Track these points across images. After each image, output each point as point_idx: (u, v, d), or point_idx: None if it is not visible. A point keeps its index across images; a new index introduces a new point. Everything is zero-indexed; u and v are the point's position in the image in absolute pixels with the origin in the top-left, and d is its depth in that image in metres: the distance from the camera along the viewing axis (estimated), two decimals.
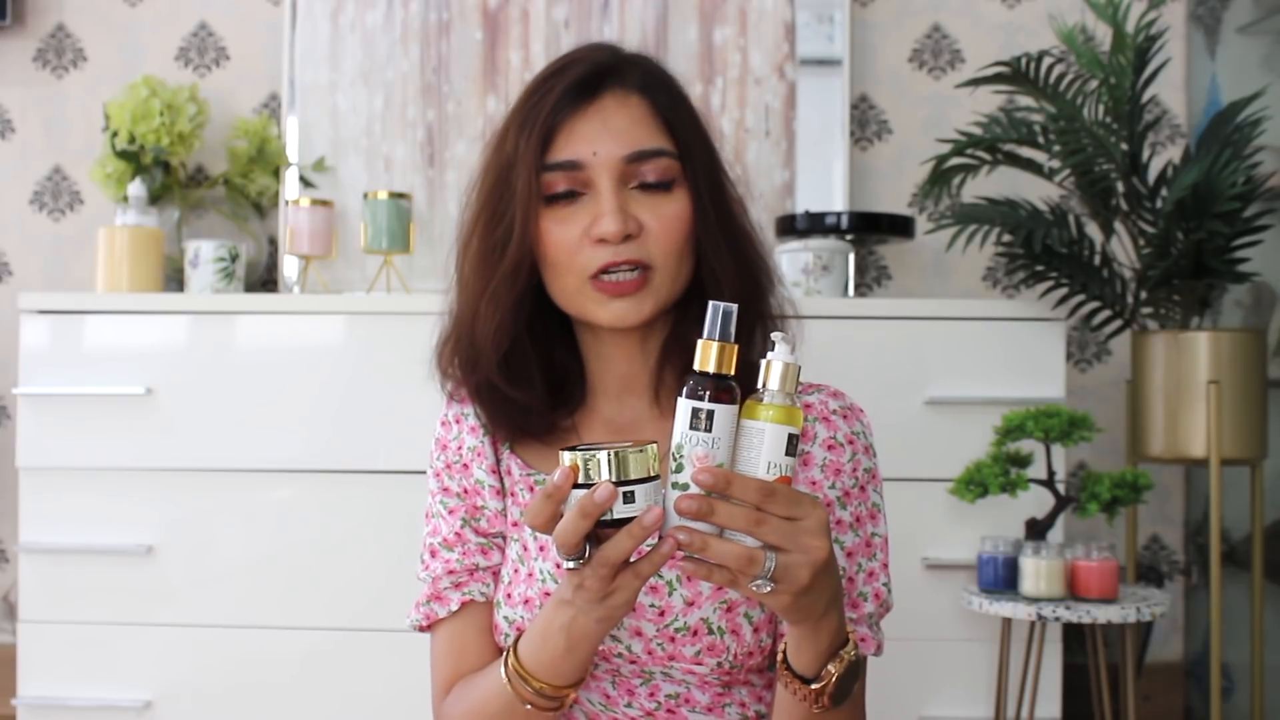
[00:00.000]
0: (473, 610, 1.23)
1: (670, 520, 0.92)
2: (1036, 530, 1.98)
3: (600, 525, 0.92)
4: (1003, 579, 1.96)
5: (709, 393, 0.92)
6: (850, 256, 2.34)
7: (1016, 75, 2.15)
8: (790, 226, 2.39)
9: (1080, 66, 2.16)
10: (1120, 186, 2.17)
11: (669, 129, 1.19)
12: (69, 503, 2.16)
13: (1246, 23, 2.50)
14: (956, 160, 2.24)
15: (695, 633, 1.15)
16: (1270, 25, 2.44)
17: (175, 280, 2.47)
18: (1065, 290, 2.18)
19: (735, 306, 0.94)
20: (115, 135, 2.45)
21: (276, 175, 2.56)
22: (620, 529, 0.92)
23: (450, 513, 1.25)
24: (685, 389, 0.92)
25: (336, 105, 2.59)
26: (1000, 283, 2.61)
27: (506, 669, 1.09)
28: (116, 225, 2.36)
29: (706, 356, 0.93)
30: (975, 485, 1.95)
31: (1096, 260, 2.22)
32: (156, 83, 2.47)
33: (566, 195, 1.17)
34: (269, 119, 2.57)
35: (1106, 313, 2.26)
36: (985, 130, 2.23)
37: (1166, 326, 2.20)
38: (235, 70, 2.68)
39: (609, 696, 1.19)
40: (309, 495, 2.15)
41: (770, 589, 0.93)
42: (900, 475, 2.05)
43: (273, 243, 2.63)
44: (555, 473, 0.93)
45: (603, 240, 1.14)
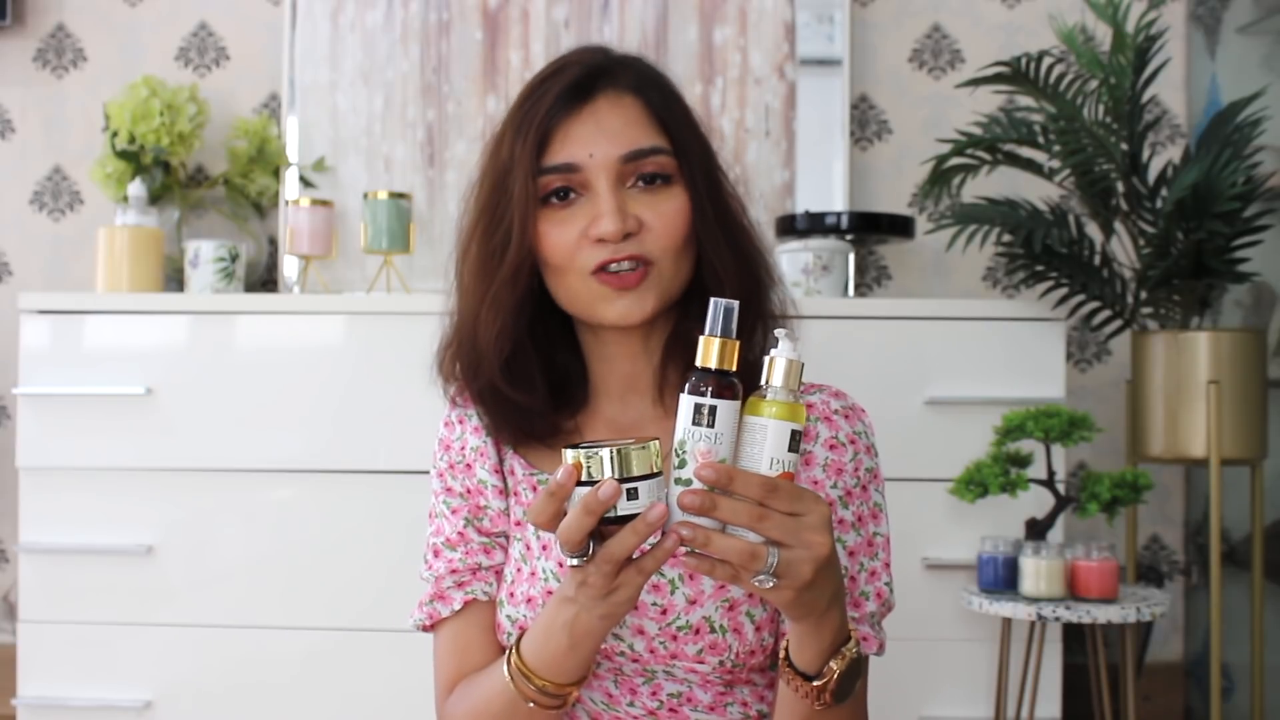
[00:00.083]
0: (475, 610, 1.23)
1: (673, 516, 0.92)
2: (1036, 530, 1.98)
3: (603, 522, 0.92)
4: (1003, 579, 1.96)
5: (711, 388, 0.92)
6: (850, 256, 2.34)
7: (1016, 75, 2.15)
8: (790, 226, 2.39)
9: (1080, 66, 2.16)
10: (1120, 186, 2.17)
11: (664, 127, 1.19)
12: (69, 503, 2.16)
13: (1246, 23, 2.50)
14: (956, 160, 2.25)
15: (697, 631, 1.15)
16: (1270, 25, 2.44)
17: (175, 280, 2.47)
18: (1065, 290, 2.18)
19: (737, 303, 0.94)
20: (115, 135, 2.45)
21: (276, 175, 2.56)
22: (624, 525, 0.92)
23: (453, 513, 1.25)
24: (687, 385, 0.92)
25: (336, 105, 2.59)
26: (1000, 283, 2.62)
27: (509, 667, 1.09)
28: (116, 225, 2.36)
29: (709, 352, 0.93)
30: (975, 485, 1.95)
31: (1096, 260, 2.22)
32: (156, 83, 2.47)
33: (564, 197, 1.17)
34: (269, 119, 2.57)
35: (1106, 313, 2.26)
36: (985, 130, 2.23)
37: (1166, 326, 2.20)
38: (235, 70, 2.68)
39: (611, 695, 1.19)
40: (309, 495, 2.15)
41: (772, 584, 0.93)
42: (900, 475, 2.05)
43: (273, 243, 2.63)
44: (558, 470, 0.93)
45: (602, 240, 1.15)
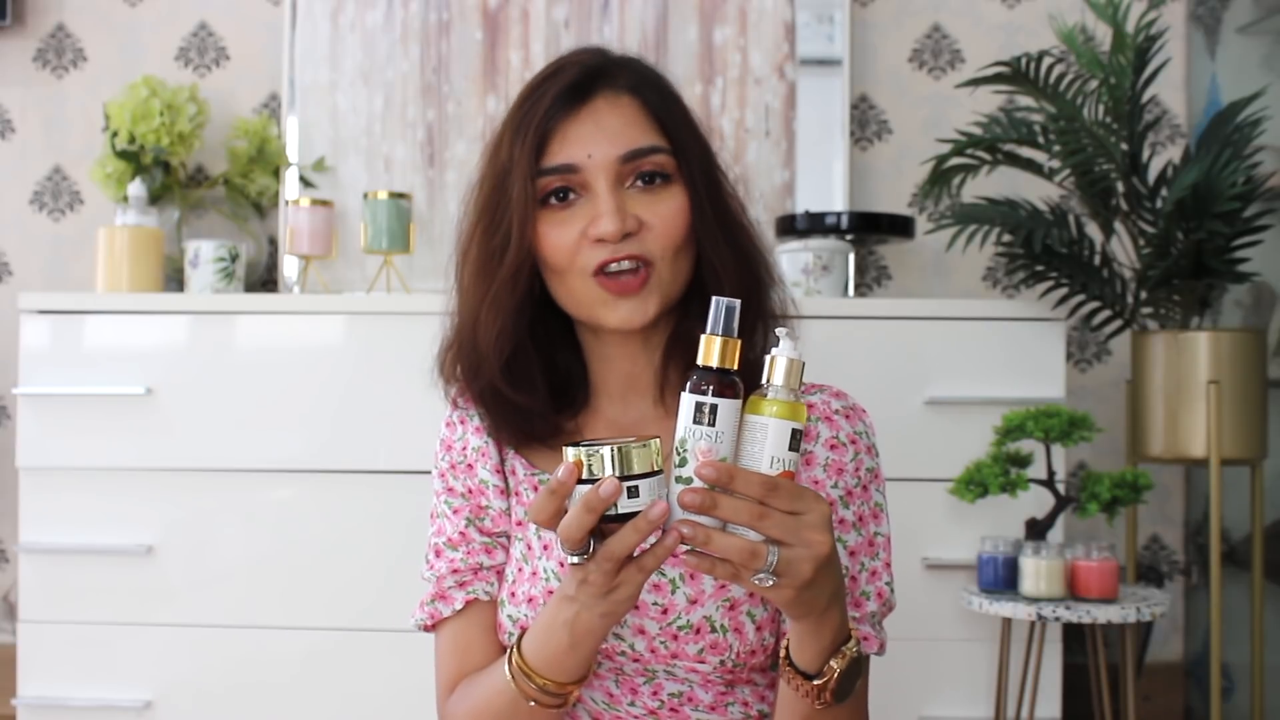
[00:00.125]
0: (477, 609, 1.23)
1: (674, 514, 0.92)
2: (1036, 530, 1.98)
3: (604, 520, 0.92)
4: (1003, 579, 1.96)
5: (712, 387, 0.92)
6: (850, 256, 2.34)
7: (1016, 75, 2.15)
8: (790, 226, 2.39)
9: (1080, 66, 2.16)
10: (1120, 186, 2.17)
11: (662, 127, 1.19)
12: (69, 503, 2.16)
13: (1246, 23, 2.50)
14: (956, 160, 2.25)
15: (698, 631, 1.15)
16: (1270, 25, 2.44)
17: (175, 280, 2.47)
18: (1065, 290, 2.18)
19: (738, 301, 0.94)
20: (115, 135, 2.45)
21: (276, 175, 2.56)
22: (624, 524, 0.92)
23: (455, 513, 1.25)
24: (689, 383, 0.93)
25: (336, 105, 2.59)
26: (1000, 283, 2.62)
27: (510, 666, 1.09)
28: (116, 225, 2.36)
29: (710, 351, 0.93)
30: (975, 485, 1.95)
31: (1096, 260, 2.22)
32: (156, 83, 2.47)
33: (563, 198, 1.17)
34: (269, 119, 2.57)
35: (1106, 313, 2.26)
36: (985, 130, 2.23)
37: (1166, 326, 2.20)
38: (235, 70, 2.68)
39: (612, 695, 1.19)
40: (309, 495, 2.15)
41: (772, 583, 0.93)
42: (900, 475, 2.04)
43: (273, 243, 2.63)
44: (559, 468, 0.93)
45: (601, 240, 1.15)
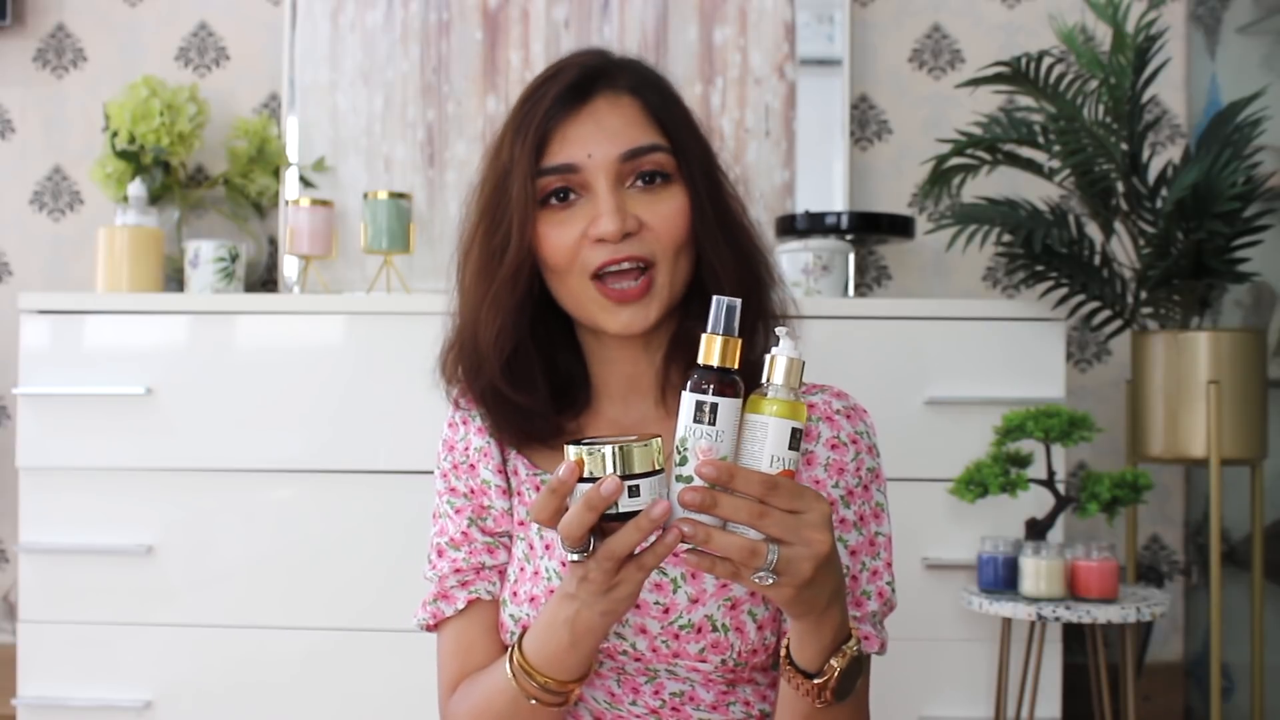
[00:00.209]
0: (479, 609, 1.23)
1: (674, 513, 0.92)
2: (1036, 530, 1.98)
3: (605, 519, 0.93)
4: (1003, 579, 1.96)
5: (713, 386, 0.92)
6: (850, 256, 2.34)
7: (1016, 75, 2.15)
8: (790, 226, 2.39)
9: (1080, 66, 2.16)
10: (1120, 186, 2.17)
11: (662, 127, 1.19)
12: (69, 503, 2.16)
13: (1246, 23, 2.50)
14: (956, 160, 2.25)
15: (699, 630, 1.15)
16: (1270, 25, 2.44)
17: (175, 280, 2.47)
18: (1065, 290, 2.18)
19: (739, 300, 0.94)
20: (115, 135, 2.45)
21: (276, 175, 2.56)
22: (625, 522, 0.92)
23: (457, 512, 1.25)
24: (689, 382, 0.93)
25: (336, 105, 2.59)
26: (1000, 283, 2.62)
27: (511, 665, 1.09)
28: (116, 225, 2.36)
29: (710, 350, 0.93)
30: (975, 485, 1.95)
31: (1096, 260, 2.22)
32: (156, 83, 2.47)
33: (564, 199, 1.17)
34: (269, 119, 2.57)
35: (1106, 313, 2.26)
36: (985, 130, 2.23)
37: (1166, 326, 2.20)
38: (235, 70, 2.68)
39: (614, 694, 1.19)
40: (309, 495, 2.15)
41: (772, 582, 0.93)
42: (900, 475, 2.04)
43: (273, 243, 2.63)
44: (560, 467, 0.93)
45: (601, 240, 1.15)
